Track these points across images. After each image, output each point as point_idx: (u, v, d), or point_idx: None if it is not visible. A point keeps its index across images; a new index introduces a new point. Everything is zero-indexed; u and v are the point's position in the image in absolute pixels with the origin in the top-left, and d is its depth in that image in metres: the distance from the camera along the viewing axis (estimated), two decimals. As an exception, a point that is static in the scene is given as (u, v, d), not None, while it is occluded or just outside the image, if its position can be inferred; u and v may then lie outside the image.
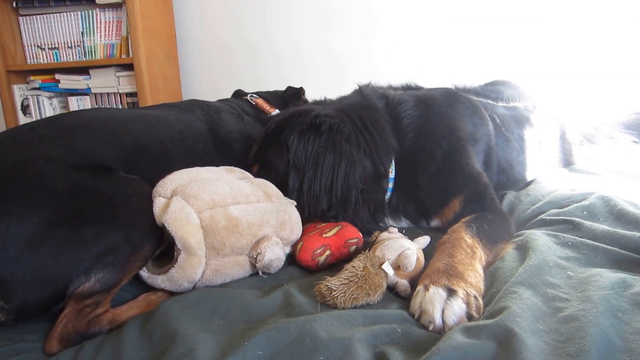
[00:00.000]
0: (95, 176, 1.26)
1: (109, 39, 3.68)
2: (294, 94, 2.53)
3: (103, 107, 3.73)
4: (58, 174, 1.22)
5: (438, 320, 1.05)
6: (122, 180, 1.31)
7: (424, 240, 1.44)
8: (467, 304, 1.08)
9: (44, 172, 1.21)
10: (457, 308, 1.07)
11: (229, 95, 2.50)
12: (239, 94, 2.44)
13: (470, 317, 1.07)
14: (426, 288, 1.12)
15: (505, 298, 1.07)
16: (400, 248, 1.28)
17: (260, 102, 2.27)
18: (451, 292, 1.10)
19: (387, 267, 1.23)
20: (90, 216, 1.17)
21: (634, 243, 1.31)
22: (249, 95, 2.32)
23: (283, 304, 1.15)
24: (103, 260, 1.14)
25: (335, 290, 1.14)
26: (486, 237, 1.36)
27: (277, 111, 2.22)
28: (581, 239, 1.35)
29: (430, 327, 1.05)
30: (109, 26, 3.66)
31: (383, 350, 0.94)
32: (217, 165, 1.57)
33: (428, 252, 1.35)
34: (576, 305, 1.02)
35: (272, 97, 2.42)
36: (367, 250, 1.31)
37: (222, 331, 1.04)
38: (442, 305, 1.07)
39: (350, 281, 1.16)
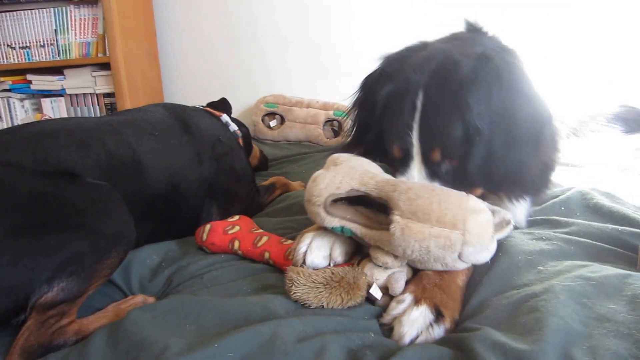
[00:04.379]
0: (59, 183, 1.28)
1: (84, 37, 3.67)
2: (223, 104, 2.59)
3: (71, 116, 3.70)
4: (18, 179, 1.24)
5: (405, 343, 1.04)
6: (87, 186, 1.32)
7: None
8: (448, 330, 1.07)
9: (2, 177, 1.22)
10: (435, 335, 1.05)
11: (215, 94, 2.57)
12: None
13: None
14: (416, 302, 1.10)
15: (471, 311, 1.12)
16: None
17: (208, 108, 2.31)
18: (439, 317, 1.07)
19: (376, 291, 1.20)
20: (52, 223, 1.17)
21: (606, 235, 1.37)
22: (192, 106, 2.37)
23: (259, 309, 1.16)
24: (67, 269, 1.14)
25: (296, 287, 1.16)
26: None
27: (225, 115, 2.28)
28: (555, 233, 1.39)
29: (395, 339, 1.05)
30: (84, 24, 3.65)
31: (356, 353, 0.97)
32: (192, 154, 1.69)
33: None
34: (539, 296, 1.05)
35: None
36: (357, 265, 1.29)
37: (193, 335, 1.05)
38: (421, 330, 1.05)
39: (317, 287, 1.17)
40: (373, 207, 1.25)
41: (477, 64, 1.22)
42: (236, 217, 1.64)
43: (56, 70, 3.72)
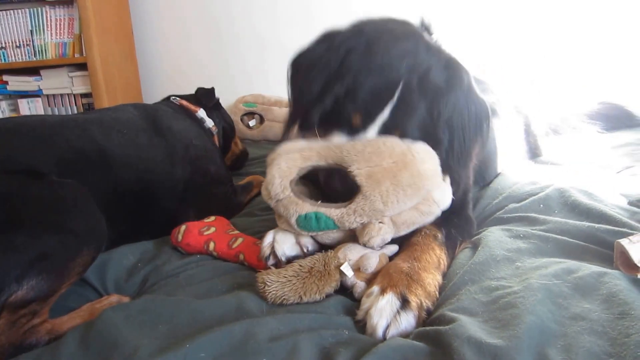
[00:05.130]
0: (24, 180, 1.26)
1: (61, 37, 3.64)
2: (207, 94, 2.57)
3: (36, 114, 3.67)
4: None
5: (379, 335, 1.04)
6: (54, 184, 1.31)
7: (392, 247, 1.44)
8: (417, 317, 1.08)
9: None
10: (404, 323, 1.06)
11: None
12: None
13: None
14: (382, 292, 1.11)
15: (448, 298, 1.12)
16: (364, 250, 1.28)
17: (184, 102, 2.31)
18: (405, 303, 1.09)
19: (347, 269, 1.22)
20: (19, 221, 1.16)
21: (582, 232, 1.38)
22: (171, 97, 2.37)
23: (233, 308, 1.16)
24: (36, 267, 1.13)
25: (269, 286, 1.16)
26: (452, 245, 1.38)
27: (201, 110, 2.29)
28: (532, 231, 1.41)
29: (369, 334, 1.06)
30: (60, 24, 3.62)
31: (329, 350, 0.97)
32: (163, 155, 1.67)
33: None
34: (517, 292, 1.07)
35: (189, 98, 2.45)
36: (329, 250, 1.30)
37: (165, 336, 1.04)
38: (390, 319, 1.06)
39: (289, 281, 1.17)
40: None
41: (447, 73, 1.37)
42: (212, 218, 1.64)
43: (33, 70, 3.69)
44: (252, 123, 3.62)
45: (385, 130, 1.31)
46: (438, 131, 1.34)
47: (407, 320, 1.07)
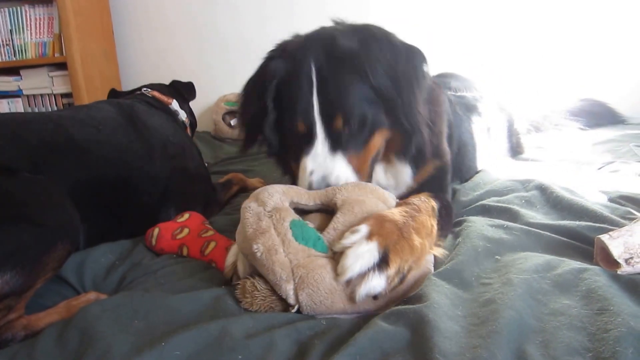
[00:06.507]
0: None
1: (41, 37, 3.63)
2: (188, 87, 2.62)
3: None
4: None
5: (343, 279, 1.02)
6: (26, 180, 1.30)
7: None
8: (389, 281, 1.03)
9: None
10: (374, 283, 1.01)
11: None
12: (115, 94, 2.48)
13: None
14: (369, 236, 1.06)
15: (428, 286, 1.09)
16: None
17: (157, 94, 2.29)
18: (383, 264, 1.03)
19: None
20: None
21: (564, 228, 1.38)
22: (143, 89, 2.34)
23: (210, 307, 1.15)
24: (10, 261, 1.12)
25: (258, 292, 1.12)
26: (440, 227, 1.31)
27: (175, 101, 2.28)
28: (514, 223, 1.42)
29: (338, 272, 1.04)
30: (39, 23, 3.61)
31: (305, 344, 0.97)
32: (141, 152, 1.68)
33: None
34: (496, 289, 1.07)
35: (161, 88, 2.45)
36: None
37: (141, 333, 1.04)
38: (363, 269, 1.02)
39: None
40: None
41: (357, 36, 1.36)
42: (186, 216, 1.63)
43: (12, 70, 3.67)
44: (233, 122, 3.61)
45: (329, 118, 1.30)
46: (382, 92, 1.31)
47: (378, 283, 1.02)
